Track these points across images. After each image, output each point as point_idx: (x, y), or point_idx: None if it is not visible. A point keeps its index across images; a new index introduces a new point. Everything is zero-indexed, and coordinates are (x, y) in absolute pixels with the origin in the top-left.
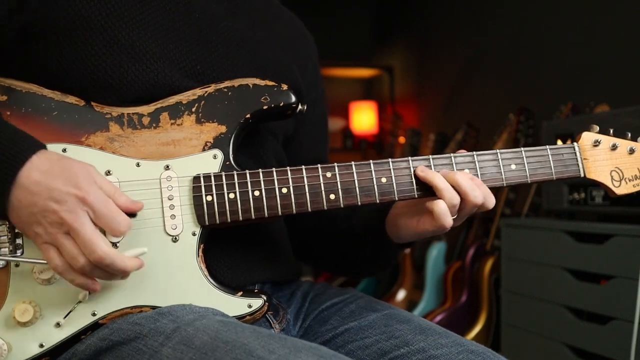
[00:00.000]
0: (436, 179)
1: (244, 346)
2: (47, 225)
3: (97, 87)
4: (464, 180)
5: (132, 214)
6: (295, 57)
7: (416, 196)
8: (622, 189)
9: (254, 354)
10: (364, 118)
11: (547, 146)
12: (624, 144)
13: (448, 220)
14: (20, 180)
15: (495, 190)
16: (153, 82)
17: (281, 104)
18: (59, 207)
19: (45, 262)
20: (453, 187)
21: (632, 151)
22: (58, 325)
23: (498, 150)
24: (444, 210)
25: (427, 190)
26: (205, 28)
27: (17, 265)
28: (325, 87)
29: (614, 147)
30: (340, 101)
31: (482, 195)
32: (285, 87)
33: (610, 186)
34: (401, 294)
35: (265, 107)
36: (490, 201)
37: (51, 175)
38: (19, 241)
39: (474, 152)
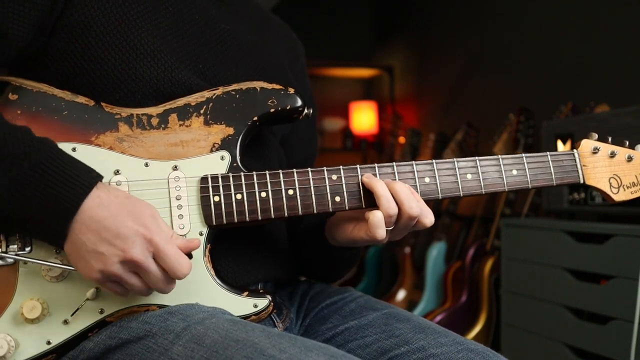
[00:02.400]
0: (377, 185)
1: (254, 345)
2: (112, 265)
3: (106, 84)
4: (401, 189)
5: (188, 254)
6: (287, 59)
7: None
8: (620, 196)
9: (265, 353)
10: (364, 118)
11: (548, 152)
12: (622, 152)
13: (381, 232)
14: (84, 215)
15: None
16: (161, 77)
17: (288, 108)
18: (127, 246)
19: (52, 264)
20: (393, 196)
21: (630, 159)
22: (66, 322)
23: (500, 156)
24: (378, 221)
25: None
26: (206, 30)
27: (25, 262)
28: (313, 88)
29: (612, 155)
30: (340, 101)
31: (418, 207)
32: (292, 90)
33: (609, 192)
34: (401, 294)
35: (272, 110)
36: (428, 218)
37: (120, 214)
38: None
39: (477, 157)
